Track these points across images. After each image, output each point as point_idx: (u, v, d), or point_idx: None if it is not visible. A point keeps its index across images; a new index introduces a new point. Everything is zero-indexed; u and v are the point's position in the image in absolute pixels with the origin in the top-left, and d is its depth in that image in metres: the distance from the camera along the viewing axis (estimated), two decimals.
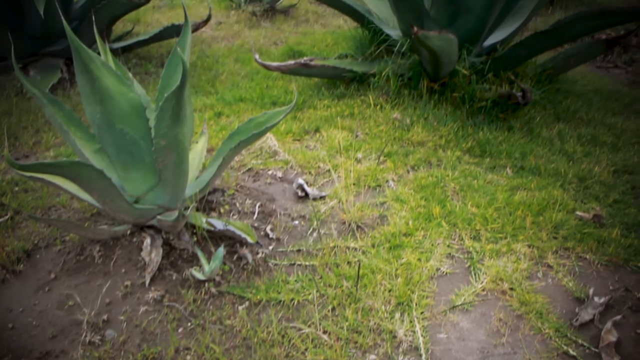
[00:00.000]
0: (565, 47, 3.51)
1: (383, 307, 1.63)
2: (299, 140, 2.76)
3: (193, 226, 1.86)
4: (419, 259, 1.85)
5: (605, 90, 3.55)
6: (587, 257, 1.92)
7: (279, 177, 2.39)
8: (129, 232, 1.85)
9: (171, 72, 1.83)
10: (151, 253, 1.75)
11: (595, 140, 2.82)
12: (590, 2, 6.46)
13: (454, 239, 1.99)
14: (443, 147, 2.67)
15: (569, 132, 2.90)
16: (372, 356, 1.49)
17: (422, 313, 1.63)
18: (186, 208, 1.88)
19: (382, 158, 2.52)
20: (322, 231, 2.02)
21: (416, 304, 1.65)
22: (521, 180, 2.38)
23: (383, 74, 3.10)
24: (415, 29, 2.55)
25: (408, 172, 2.46)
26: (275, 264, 1.83)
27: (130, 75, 1.80)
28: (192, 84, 3.45)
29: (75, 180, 1.54)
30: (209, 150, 2.49)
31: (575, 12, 3.08)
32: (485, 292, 1.73)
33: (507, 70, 3.12)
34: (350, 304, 1.64)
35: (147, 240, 1.78)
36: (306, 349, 1.49)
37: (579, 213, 2.15)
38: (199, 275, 1.68)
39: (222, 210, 2.03)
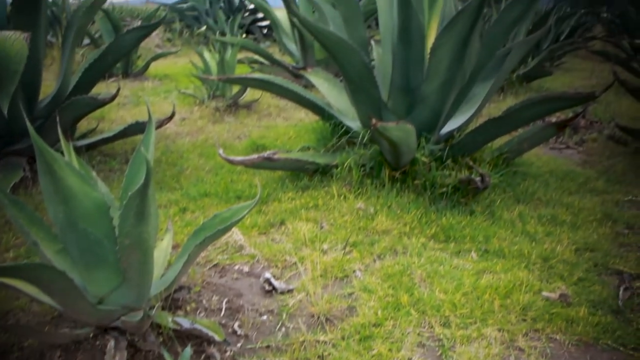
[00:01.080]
0: (519, 131, 3.65)
1: None
2: (264, 233, 2.76)
3: (159, 326, 1.81)
4: (390, 350, 1.82)
5: (560, 171, 3.67)
6: (557, 337, 1.92)
7: (246, 272, 2.37)
8: (91, 334, 1.78)
9: (135, 170, 1.84)
10: (115, 356, 1.68)
11: (555, 220, 2.89)
12: (539, 87, 6.81)
13: (424, 327, 1.98)
14: (408, 234, 2.70)
15: (529, 213, 2.97)
16: None
17: None
18: (151, 307, 1.84)
19: (347, 248, 2.53)
20: (290, 325, 1.98)
21: None
22: (486, 264, 2.40)
23: (345, 164, 3.17)
24: (374, 121, 2.63)
25: (374, 261, 2.47)
26: None
27: (94, 174, 1.80)
28: (157, 180, 3.46)
29: (36, 283, 1.50)
30: (174, 247, 2.46)
31: (524, 99, 3.24)
32: None
33: (465, 156, 3.22)
34: None
35: (111, 343, 1.72)
36: None
37: (545, 293, 2.17)
38: None
39: (188, 308, 1.99)
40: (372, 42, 4.21)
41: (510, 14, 3.32)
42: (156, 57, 7.68)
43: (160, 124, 3.65)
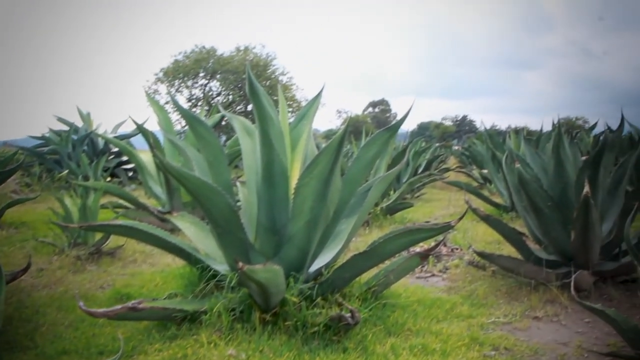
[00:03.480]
0: (386, 264, 3.76)
1: None
2: None
3: None
4: None
5: (428, 299, 3.78)
6: None
7: None
8: None
9: None
10: None
11: (426, 349, 2.93)
12: (402, 218, 7.16)
13: None
14: None
15: (400, 344, 2.98)
16: None
17: None
18: None
19: None
20: None
21: None
22: None
23: (214, 310, 3.06)
24: (240, 264, 2.60)
25: None
26: None
27: None
28: (7, 340, 3.13)
29: None
30: None
31: (388, 232, 3.38)
32: None
33: (335, 293, 3.24)
34: None
35: None
36: None
37: None
38: None
39: None
40: (238, 183, 4.27)
41: (369, 151, 3.54)
42: (12, 204, 7.23)
43: (13, 277, 3.38)
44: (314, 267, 3.42)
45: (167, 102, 21.89)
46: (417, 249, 4.19)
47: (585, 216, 3.66)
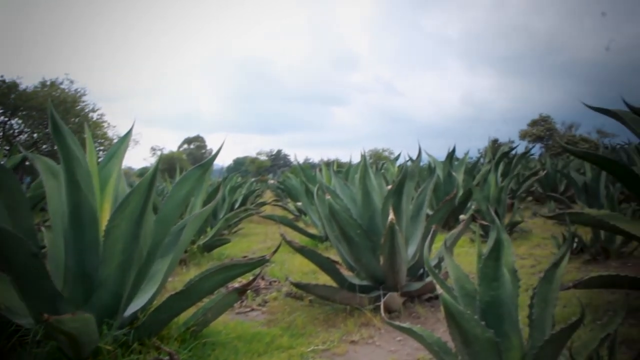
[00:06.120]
0: (204, 302, 3.72)
1: None
2: None
3: None
4: None
5: (248, 334, 3.80)
6: None
7: None
8: None
9: None
10: None
11: None
12: (220, 255, 7.13)
13: None
14: None
15: None
16: None
17: None
18: None
19: None
20: None
21: None
22: None
23: None
24: (46, 316, 2.41)
25: None
26: None
27: None
28: None
29: None
30: None
31: (204, 270, 3.36)
32: None
33: (152, 337, 3.13)
34: None
35: None
36: None
37: None
38: None
39: None
40: (43, 228, 3.97)
41: (182, 189, 3.51)
42: None
43: None
44: (129, 312, 3.27)
45: None
46: (236, 284, 4.21)
47: (392, 241, 3.97)
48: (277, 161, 59.46)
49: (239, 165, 49.50)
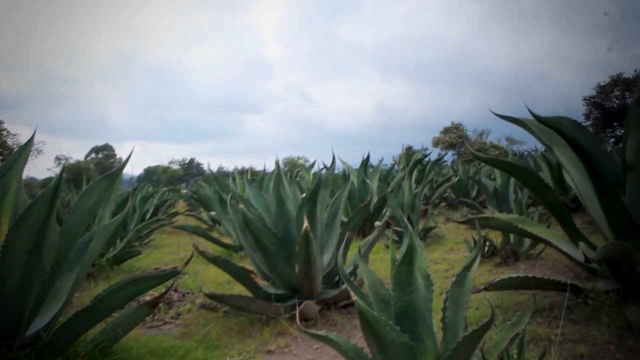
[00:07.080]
0: (114, 317, 3.56)
1: None
2: None
3: None
4: None
5: (160, 348, 3.67)
6: None
7: None
8: None
9: None
10: None
11: None
12: (130, 268, 6.89)
13: None
14: None
15: None
16: None
17: None
18: None
19: None
20: None
21: None
22: None
23: None
24: None
25: None
26: None
27: None
28: None
29: None
30: None
31: (113, 284, 3.22)
32: None
33: (57, 356, 2.96)
34: None
35: None
36: None
37: None
38: None
39: None
40: None
41: (88, 199, 3.35)
42: None
43: None
44: (31, 331, 3.08)
45: None
46: (147, 297, 4.07)
47: (307, 250, 3.96)
48: (190, 170, 58.40)
49: (151, 174, 48.23)
